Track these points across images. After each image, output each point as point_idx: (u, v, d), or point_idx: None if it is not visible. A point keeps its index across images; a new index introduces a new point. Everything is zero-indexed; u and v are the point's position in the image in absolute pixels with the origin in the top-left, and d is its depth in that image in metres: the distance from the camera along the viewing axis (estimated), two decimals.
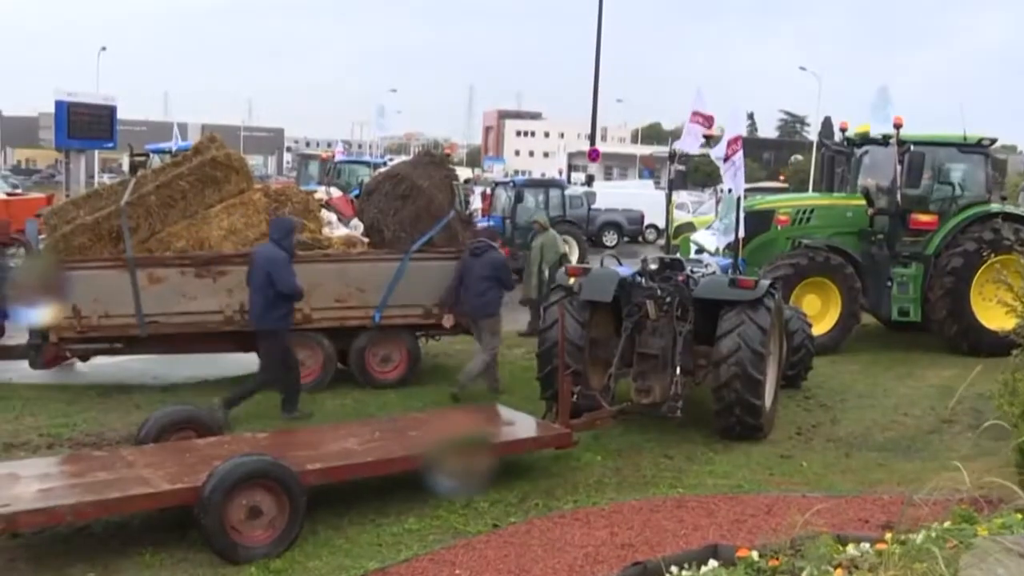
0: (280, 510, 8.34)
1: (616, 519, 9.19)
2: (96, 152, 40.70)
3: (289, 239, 12.43)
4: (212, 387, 14.29)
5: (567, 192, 32.97)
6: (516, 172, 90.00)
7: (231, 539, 8.13)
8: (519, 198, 29.48)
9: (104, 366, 14.91)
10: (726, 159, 14.59)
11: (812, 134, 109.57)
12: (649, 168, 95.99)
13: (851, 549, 5.07)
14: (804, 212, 19.34)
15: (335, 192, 16.32)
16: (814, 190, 31.02)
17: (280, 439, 10.15)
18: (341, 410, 13.11)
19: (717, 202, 33.05)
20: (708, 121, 15.45)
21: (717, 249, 19.38)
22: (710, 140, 15.91)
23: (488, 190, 34.18)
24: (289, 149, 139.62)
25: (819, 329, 17.05)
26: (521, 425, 11.09)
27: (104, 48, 73.55)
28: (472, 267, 13.96)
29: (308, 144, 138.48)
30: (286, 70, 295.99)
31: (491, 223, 27.63)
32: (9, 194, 29.85)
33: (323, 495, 9.00)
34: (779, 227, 19.17)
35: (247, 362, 14.71)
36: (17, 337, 15.30)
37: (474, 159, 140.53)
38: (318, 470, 8.94)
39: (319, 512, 8.84)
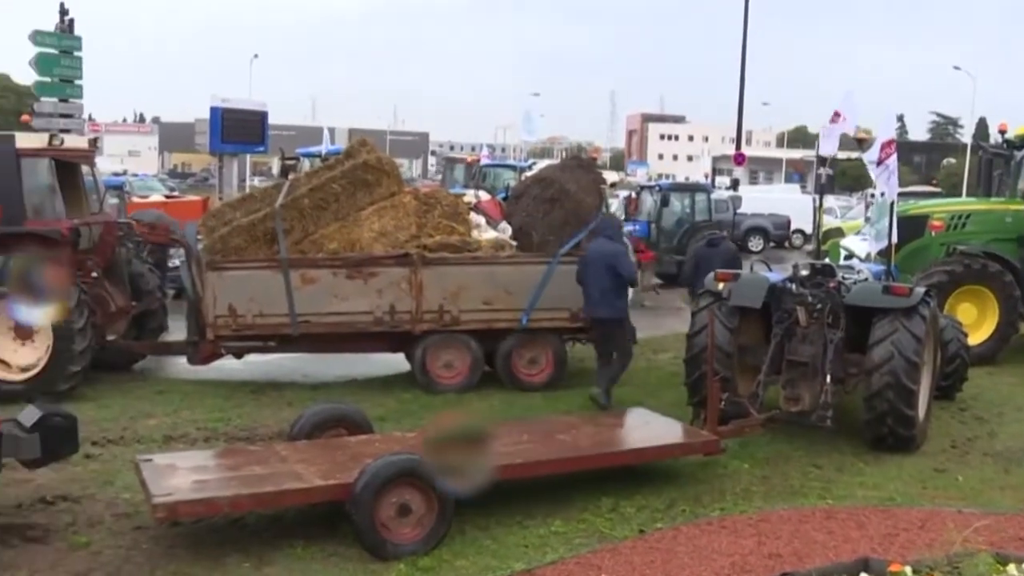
0: (429, 509, 8.43)
1: (764, 528, 9.05)
2: (248, 156, 41.76)
3: (621, 234, 14.10)
4: (361, 386, 14.59)
5: (713, 196, 32.65)
6: (659, 176, 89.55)
7: (380, 536, 8.25)
8: (665, 202, 29.33)
9: (257, 364, 15.31)
10: (879, 163, 14.26)
11: (965, 136, 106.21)
12: (799, 172, 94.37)
13: (1012, 569, 4.89)
14: (960, 217, 18.75)
15: (484, 195, 16.41)
16: (969, 194, 30.09)
17: None
18: (487, 412, 13.17)
19: (866, 207, 32.35)
20: (846, 122, 15.14)
21: (868, 255, 18.92)
22: (862, 144, 15.58)
23: (633, 194, 34.06)
24: (434, 153, 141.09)
25: (975, 339, 16.49)
26: (668, 430, 11.01)
27: (256, 56, 75.87)
28: (710, 258, 14.05)
29: (452, 148, 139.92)
30: (431, 74, 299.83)
31: (636, 227, 27.65)
32: (167, 196, 30.87)
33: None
34: (933, 233, 18.59)
35: (395, 362, 14.99)
36: (175, 334, 15.88)
37: (617, 163, 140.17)
38: None
39: (466, 512, 8.87)
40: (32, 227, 13.71)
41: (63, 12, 24.01)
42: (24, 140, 14.29)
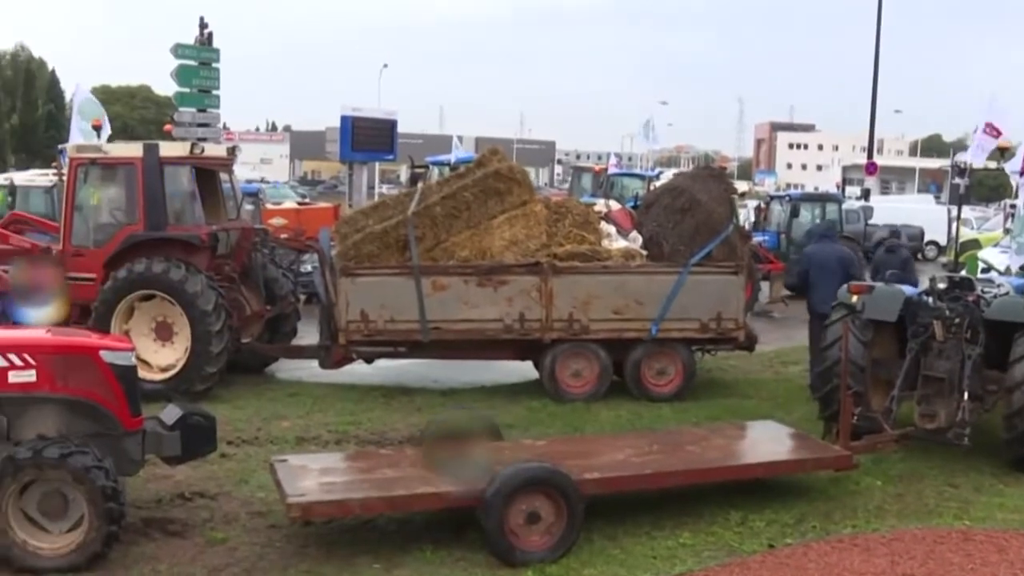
0: (558, 517, 8.45)
1: (897, 548, 8.84)
2: (377, 163, 42.37)
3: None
4: (489, 393, 14.68)
5: (844, 207, 32.06)
6: (788, 186, 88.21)
7: (509, 542, 8.30)
8: (795, 212, 28.91)
9: (387, 369, 15.52)
10: (1022, 172, 13.88)
11: None
12: (936, 183, 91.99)
13: None
14: None
15: (614, 205, 16.37)
16: None
17: (558, 447, 10.29)
18: (616, 421, 13.18)
19: (1005, 218, 31.41)
20: (997, 132, 14.74)
21: (1008, 268, 18.35)
22: (1004, 153, 15.14)
23: (762, 204, 33.65)
24: (559, 162, 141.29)
25: None
26: (799, 444, 10.85)
27: (386, 65, 76.98)
28: (888, 264, 13.97)
29: (578, 157, 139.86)
30: (557, 83, 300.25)
31: (765, 238, 27.32)
32: (299, 203, 31.45)
33: (598, 504, 9.05)
34: None
35: (523, 370, 15.06)
36: (306, 338, 16.19)
37: (745, 172, 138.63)
38: (596, 479, 9.02)
39: (594, 521, 8.88)
40: (173, 232, 14.16)
41: (203, 25, 24.75)
42: (167, 149, 14.78)
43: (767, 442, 11.00)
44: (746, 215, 30.52)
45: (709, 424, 12.50)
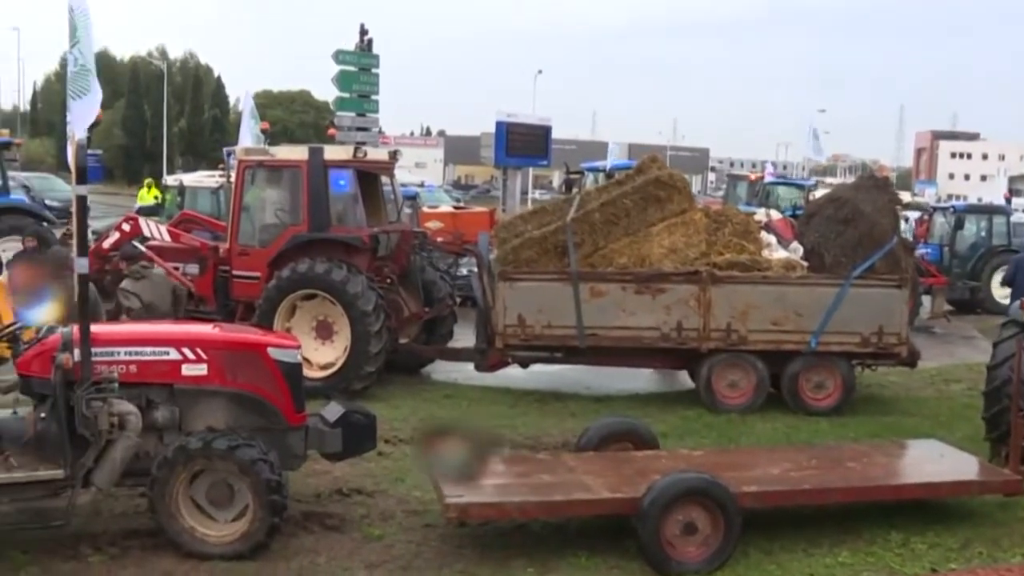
0: (715, 529, 8.35)
1: None
2: (530, 169, 42.55)
3: None
4: (643, 401, 14.60)
5: (1012, 219, 30.86)
6: (949, 196, 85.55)
7: (665, 553, 8.23)
8: (959, 225, 27.83)
9: (541, 374, 15.55)
10: None
11: None
12: None
13: None
14: None
15: (775, 214, 16.15)
16: None
17: (716, 458, 10.17)
18: (772, 434, 12.97)
19: None
20: None
21: None
22: None
23: (925, 216, 32.64)
24: (713, 169, 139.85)
25: None
26: (964, 465, 10.46)
27: (540, 71, 77.21)
28: None
29: (732, 164, 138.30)
30: (711, 89, 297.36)
31: (927, 251, 26.52)
32: (455, 207, 31.80)
33: (754, 517, 8.91)
34: None
35: (677, 378, 14.93)
36: (462, 340, 16.34)
37: (904, 182, 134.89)
38: (754, 493, 8.89)
39: (750, 534, 8.73)
40: (336, 234, 14.45)
41: (363, 32, 25.20)
42: (331, 152, 15.10)
43: (930, 462, 10.65)
44: (907, 227, 29.68)
45: (869, 441, 12.17)
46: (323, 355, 14.19)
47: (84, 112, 8.67)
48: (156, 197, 31.77)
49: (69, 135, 8.81)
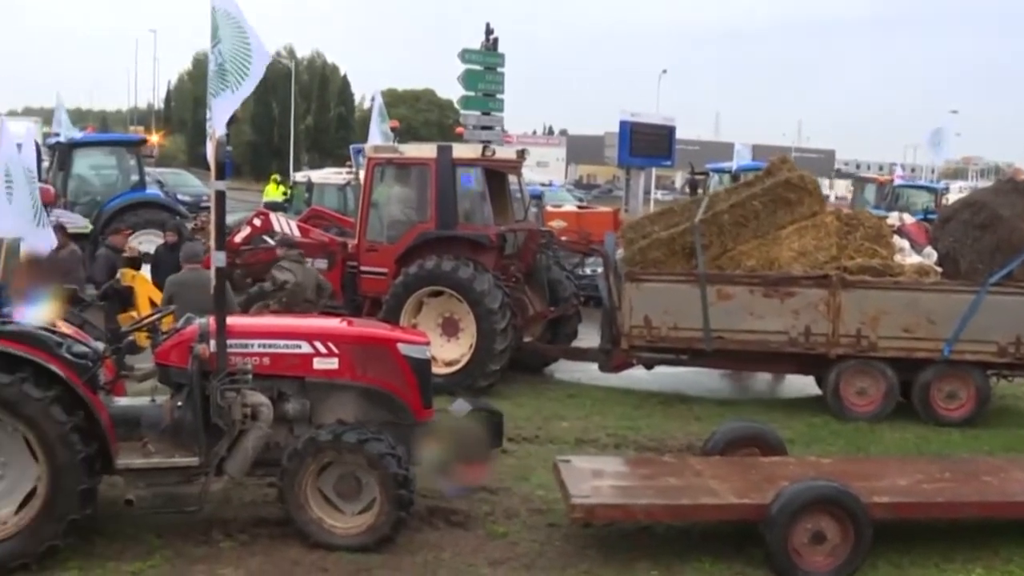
0: (844, 539, 8.18)
1: None
2: (653, 169, 42.33)
3: None
4: (767, 406, 14.42)
5: None
6: None
7: (792, 561, 8.10)
8: None
9: (664, 375, 15.43)
10: None
11: None
12: None
13: None
14: None
15: (908, 218, 15.78)
16: None
17: (845, 466, 9.95)
18: (901, 444, 12.67)
19: None
20: None
21: None
22: None
23: None
24: (838, 171, 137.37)
25: None
26: None
27: (664, 71, 76.79)
28: None
29: (858, 167, 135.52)
30: (836, 90, 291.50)
31: None
32: (579, 207, 31.79)
33: (885, 529, 8.69)
34: None
35: (803, 384, 14.70)
36: (586, 340, 16.31)
37: None
38: (886, 504, 8.68)
39: (879, 546, 8.52)
40: (463, 231, 14.56)
41: (488, 31, 25.37)
42: (460, 151, 15.22)
43: None
44: None
45: (1006, 455, 11.81)
46: (448, 352, 14.30)
47: (223, 109, 8.81)
48: (284, 193, 32.38)
49: (209, 132, 8.96)
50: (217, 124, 8.69)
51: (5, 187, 8.50)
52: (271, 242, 15.57)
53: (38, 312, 8.95)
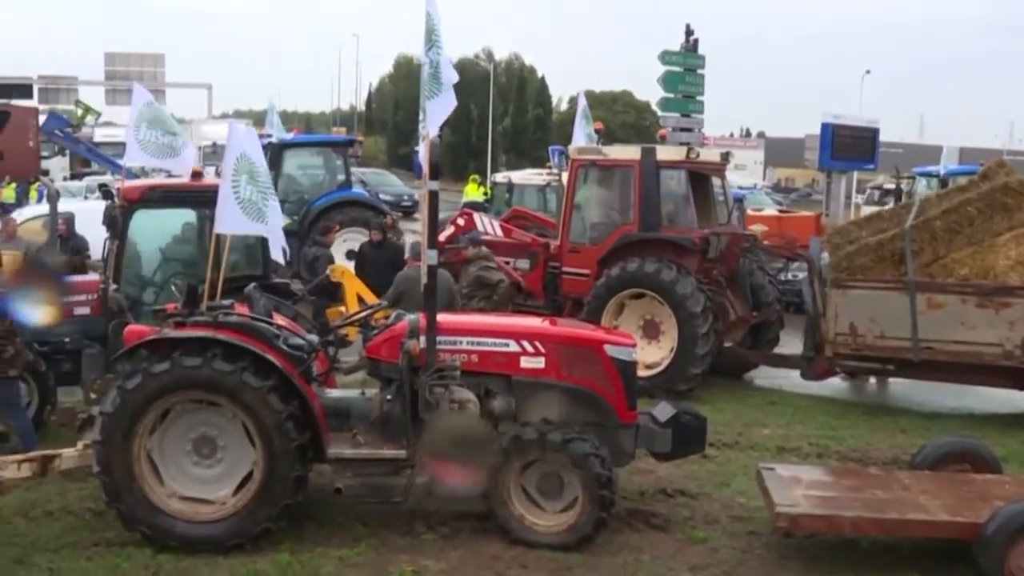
0: None
1: None
2: (855, 173, 41.21)
3: None
4: (978, 421, 13.82)
5: None
6: None
7: None
8: None
9: (869, 386, 15.06)
10: None
11: None
12: None
13: None
14: None
15: None
16: None
17: None
18: None
19: None
20: None
21: None
22: None
23: None
24: None
25: None
26: None
27: (868, 71, 74.67)
28: None
29: None
30: None
31: None
32: (780, 211, 31.25)
33: None
34: None
35: (1017, 400, 14.12)
36: (787, 347, 16.05)
37: None
38: None
39: None
40: (667, 234, 14.52)
41: (688, 32, 25.23)
42: (663, 153, 15.17)
43: None
44: None
45: None
46: (649, 354, 14.26)
47: (437, 112, 9.04)
48: (484, 194, 32.87)
49: (422, 134, 9.21)
50: (431, 126, 8.92)
51: (232, 185, 8.85)
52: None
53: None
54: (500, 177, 29.86)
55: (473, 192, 34.56)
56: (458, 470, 8.66)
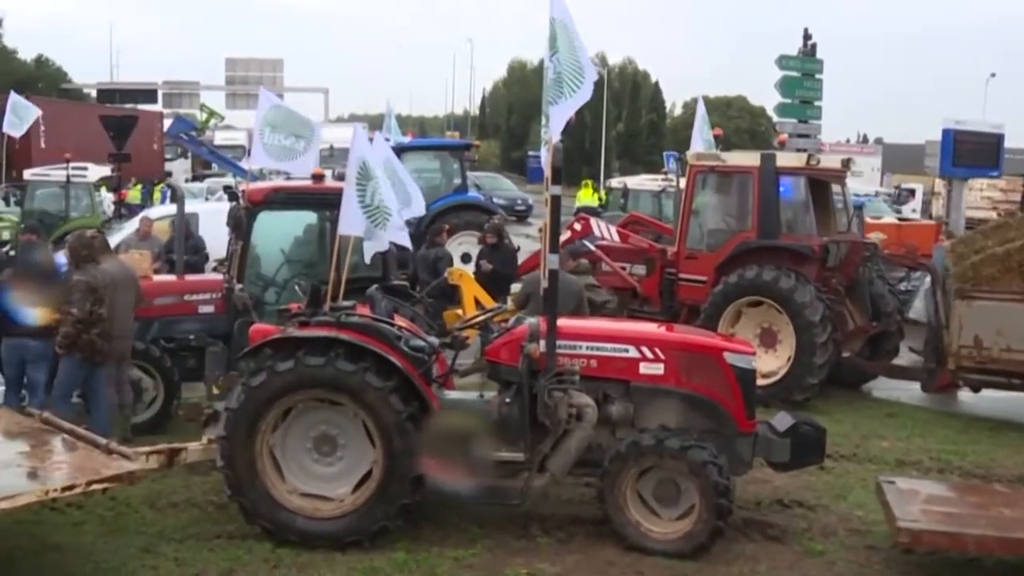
0: None
1: None
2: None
3: None
4: None
5: None
6: None
7: None
8: None
9: (994, 400, 14.68)
10: None
11: None
12: None
13: None
14: None
15: None
16: None
17: None
18: None
19: None
20: None
21: None
22: None
23: None
24: None
25: None
26: None
27: (993, 75, 72.84)
28: None
29: None
30: None
31: None
32: (900, 219, 30.68)
33: None
34: None
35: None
36: (907, 358, 15.73)
37: None
38: None
39: None
40: (785, 242, 14.36)
41: (806, 36, 24.89)
42: (783, 159, 14.99)
43: None
44: None
45: None
46: (766, 363, 14.04)
47: (560, 117, 9.07)
48: (599, 198, 32.88)
49: (545, 139, 9.25)
50: (554, 131, 8.96)
51: (357, 188, 9.00)
52: (590, 247, 15.81)
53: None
54: (615, 182, 29.88)
55: (586, 196, 34.62)
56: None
